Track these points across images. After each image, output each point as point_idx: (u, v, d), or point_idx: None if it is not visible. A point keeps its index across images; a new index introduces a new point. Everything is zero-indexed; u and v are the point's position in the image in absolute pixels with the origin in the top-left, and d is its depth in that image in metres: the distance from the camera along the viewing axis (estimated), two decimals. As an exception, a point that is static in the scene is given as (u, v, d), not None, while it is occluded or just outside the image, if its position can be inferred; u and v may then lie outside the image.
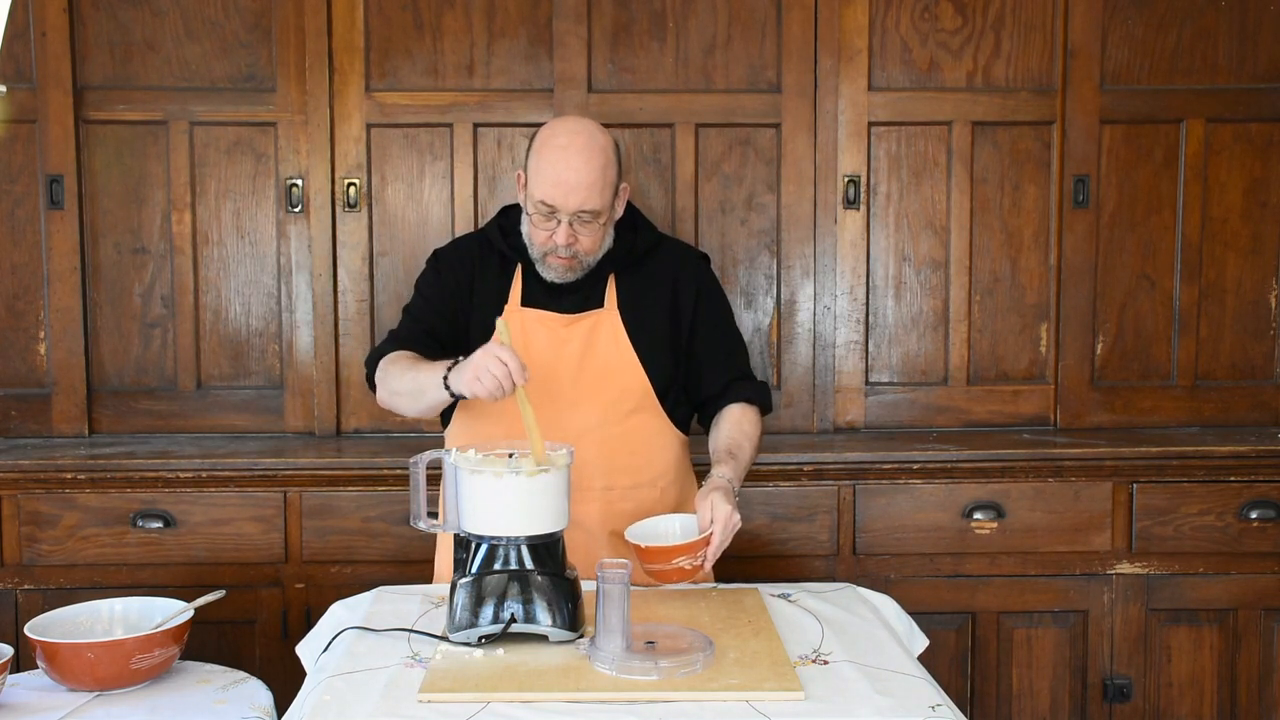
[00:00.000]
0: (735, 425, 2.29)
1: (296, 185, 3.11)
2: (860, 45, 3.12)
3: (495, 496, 1.88)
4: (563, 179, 2.14)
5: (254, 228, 3.15)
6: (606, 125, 3.07)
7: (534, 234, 2.22)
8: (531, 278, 2.29)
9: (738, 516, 2.06)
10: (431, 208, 3.15)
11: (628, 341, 2.27)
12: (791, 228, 3.16)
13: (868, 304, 3.19)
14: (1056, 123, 3.15)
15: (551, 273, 2.24)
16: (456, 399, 2.13)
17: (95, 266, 3.14)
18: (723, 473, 2.16)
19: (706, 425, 2.36)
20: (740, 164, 3.16)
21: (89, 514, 2.84)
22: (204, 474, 2.83)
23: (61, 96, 3.06)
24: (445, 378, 2.07)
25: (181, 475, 2.83)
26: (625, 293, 2.30)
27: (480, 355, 2.00)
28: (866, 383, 3.20)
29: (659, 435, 2.30)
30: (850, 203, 3.15)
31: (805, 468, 2.89)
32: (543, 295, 2.29)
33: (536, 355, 2.25)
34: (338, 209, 3.13)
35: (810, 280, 3.17)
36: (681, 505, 2.34)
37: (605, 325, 2.27)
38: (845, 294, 3.18)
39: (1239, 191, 3.18)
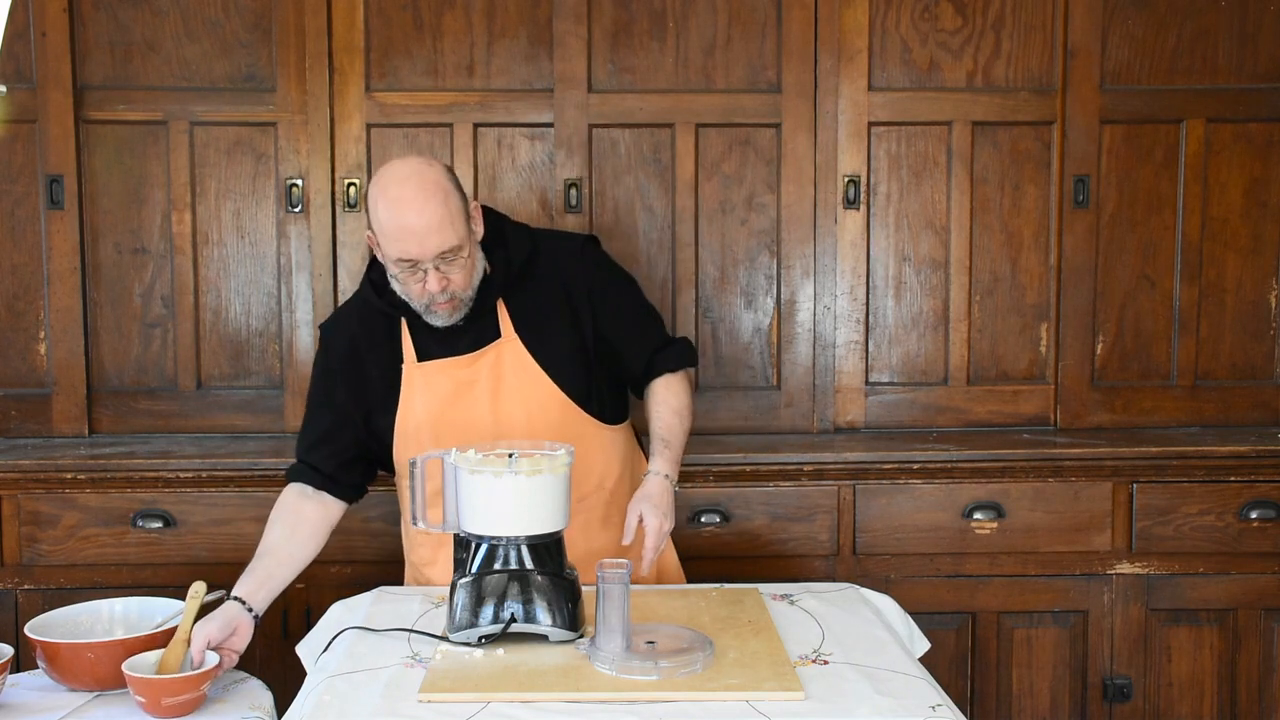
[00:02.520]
0: (663, 403, 2.29)
1: (296, 185, 3.12)
2: (860, 45, 3.12)
3: (495, 496, 1.88)
4: (410, 229, 2.05)
5: (254, 228, 3.15)
6: (606, 125, 3.12)
7: (408, 290, 2.15)
8: (421, 329, 2.24)
9: (669, 523, 2.10)
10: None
11: (535, 364, 2.22)
12: (791, 228, 3.16)
13: (868, 304, 3.19)
14: (1056, 123, 3.15)
15: (439, 319, 2.18)
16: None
17: (95, 266, 3.14)
18: (658, 468, 2.18)
19: (640, 396, 2.37)
20: (740, 164, 3.16)
21: (89, 514, 2.84)
22: (204, 474, 2.83)
23: (61, 96, 3.06)
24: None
25: (181, 475, 2.83)
26: (518, 313, 2.24)
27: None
28: (866, 383, 3.20)
29: (593, 441, 2.26)
30: (850, 203, 3.15)
31: (805, 468, 2.89)
32: (436, 344, 2.24)
33: (448, 405, 2.22)
34: (338, 209, 3.13)
35: (810, 280, 3.17)
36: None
37: (508, 354, 2.23)
38: (845, 294, 3.18)
39: (1239, 191, 3.18)
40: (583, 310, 2.27)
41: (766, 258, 3.18)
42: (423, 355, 2.25)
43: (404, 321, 2.26)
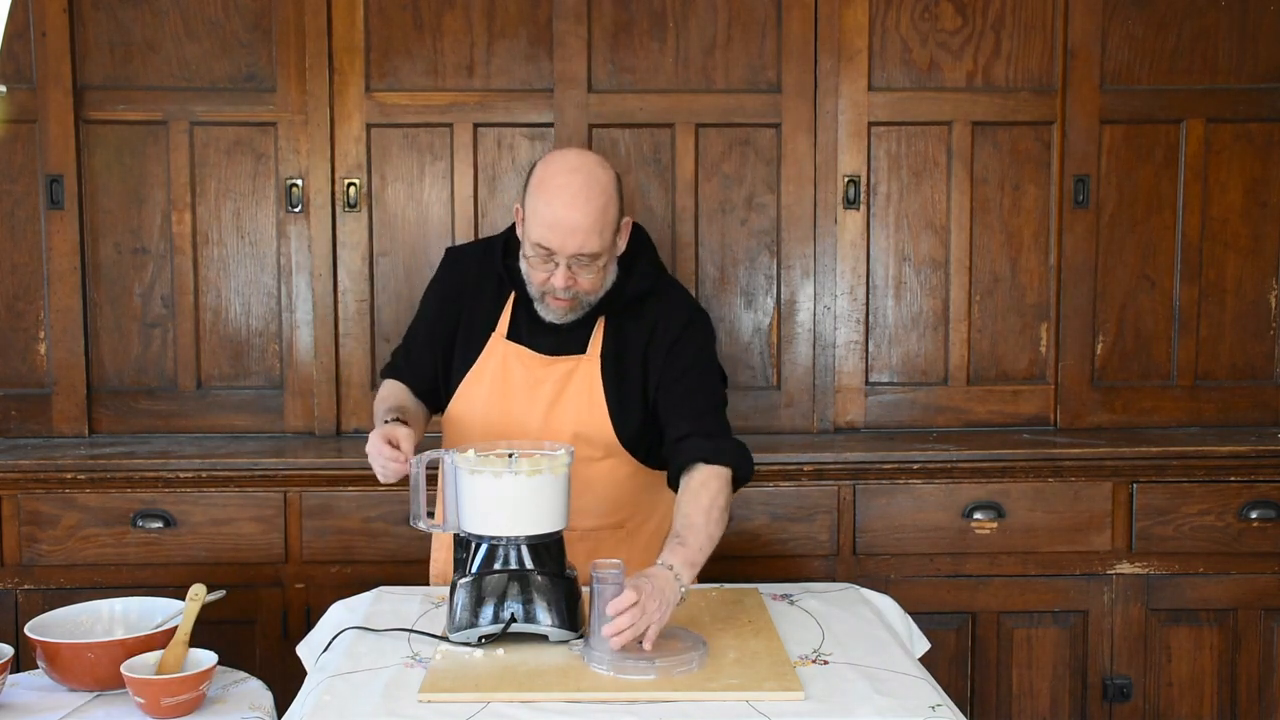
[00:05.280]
0: (692, 499, 2.04)
1: (296, 185, 3.12)
2: (860, 45, 3.12)
3: (495, 496, 1.88)
4: (560, 221, 2.04)
5: (254, 228, 3.15)
6: (606, 125, 3.11)
7: (532, 274, 2.13)
8: (520, 309, 2.22)
9: (659, 613, 1.82)
10: (431, 208, 3.15)
11: (601, 393, 2.19)
12: (791, 228, 3.16)
13: (868, 304, 3.19)
14: (1056, 123, 3.15)
15: (550, 313, 2.15)
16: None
17: (95, 266, 3.14)
18: (665, 559, 1.93)
19: (674, 485, 2.14)
20: (740, 164, 3.16)
21: (89, 514, 2.84)
22: (204, 474, 2.83)
23: (61, 96, 3.06)
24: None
25: (181, 475, 2.83)
26: (610, 341, 2.21)
27: (369, 443, 2.04)
28: (866, 383, 3.20)
29: (627, 479, 2.24)
30: (850, 203, 3.15)
31: (805, 468, 2.89)
32: (527, 331, 2.22)
33: (511, 391, 2.22)
34: (338, 209, 3.13)
35: (810, 280, 3.17)
36: (653, 543, 2.25)
37: (582, 372, 2.20)
38: (845, 294, 3.18)
39: (1239, 191, 3.18)
40: (654, 363, 2.20)
41: (766, 258, 3.18)
42: (512, 335, 2.24)
43: (513, 294, 2.25)
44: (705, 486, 2.06)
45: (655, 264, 2.28)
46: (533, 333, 2.22)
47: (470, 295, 2.28)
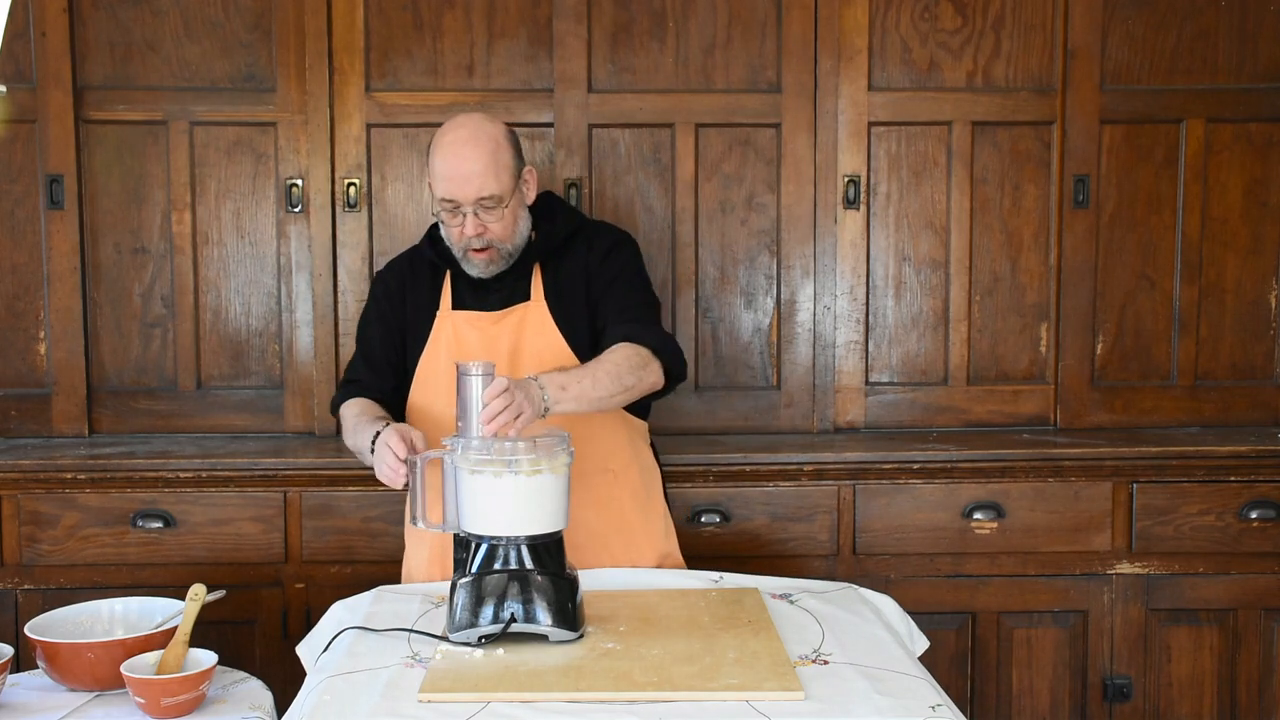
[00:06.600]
0: (595, 359, 2.18)
1: (296, 185, 3.12)
2: (860, 45, 3.12)
3: (495, 496, 1.88)
4: (454, 172, 2.20)
5: (254, 228, 3.15)
6: (606, 125, 3.12)
7: (449, 233, 2.28)
8: (460, 282, 2.35)
9: (521, 395, 1.96)
10: (431, 207, 3.14)
11: (556, 330, 2.30)
12: (791, 228, 3.16)
13: (868, 304, 3.19)
14: (1056, 123, 3.15)
15: (475, 268, 2.29)
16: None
17: (95, 266, 3.14)
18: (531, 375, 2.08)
19: None
20: (740, 164, 3.16)
21: (89, 514, 2.84)
22: (204, 474, 2.83)
23: (61, 96, 3.06)
24: (373, 446, 2.14)
25: (181, 475, 2.83)
26: (551, 282, 2.33)
27: (376, 451, 2.11)
28: (866, 383, 3.20)
29: (601, 420, 2.30)
30: (850, 203, 3.15)
31: (805, 468, 2.89)
32: (471, 296, 2.34)
33: (468, 355, 2.28)
34: (338, 209, 3.13)
35: (810, 280, 3.17)
36: (642, 490, 2.38)
37: (532, 317, 2.31)
38: (845, 294, 3.18)
39: (1239, 191, 3.18)
40: (594, 286, 2.34)
41: (766, 258, 3.18)
42: (457, 305, 2.35)
43: (448, 273, 2.37)
44: (614, 350, 2.18)
45: (574, 211, 2.44)
46: (476, 297, 2.34)
47: (410, 293, 2.40)
